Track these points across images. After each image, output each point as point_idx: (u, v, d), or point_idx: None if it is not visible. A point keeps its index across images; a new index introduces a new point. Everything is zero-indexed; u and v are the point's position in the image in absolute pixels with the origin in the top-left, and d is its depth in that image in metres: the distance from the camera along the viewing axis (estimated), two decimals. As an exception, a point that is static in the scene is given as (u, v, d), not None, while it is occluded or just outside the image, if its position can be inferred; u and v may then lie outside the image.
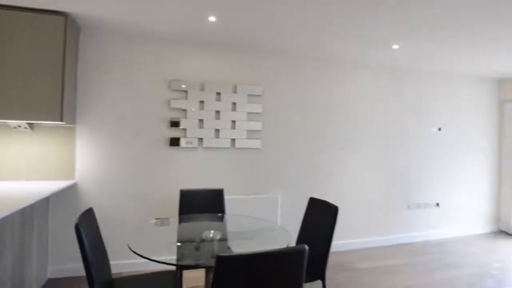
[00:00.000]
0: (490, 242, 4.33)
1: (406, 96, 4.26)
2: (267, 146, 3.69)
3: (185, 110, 3.37)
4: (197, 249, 1.93)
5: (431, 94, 4.39)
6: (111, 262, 2.12)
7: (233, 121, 3.53)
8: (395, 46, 3.36)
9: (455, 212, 4.56)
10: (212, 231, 2.18)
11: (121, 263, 3.09)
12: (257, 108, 3.62)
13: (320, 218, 2.21)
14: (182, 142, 3.35)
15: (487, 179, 4.78)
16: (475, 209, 4.69)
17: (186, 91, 3.36)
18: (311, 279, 2.08)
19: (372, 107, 4.10)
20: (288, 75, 3.76)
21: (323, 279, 2.08)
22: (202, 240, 2.03)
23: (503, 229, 4.79)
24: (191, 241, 2.09)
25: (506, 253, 3.96)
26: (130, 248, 1.74)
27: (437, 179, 4.41)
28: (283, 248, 1.38)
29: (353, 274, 3.29)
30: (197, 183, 3.39)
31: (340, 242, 3.95)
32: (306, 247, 1.29)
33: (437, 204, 4.40)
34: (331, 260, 3.63)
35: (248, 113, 3.58)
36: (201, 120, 3.42)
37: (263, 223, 2.56)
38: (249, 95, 3.59)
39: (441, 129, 4.42)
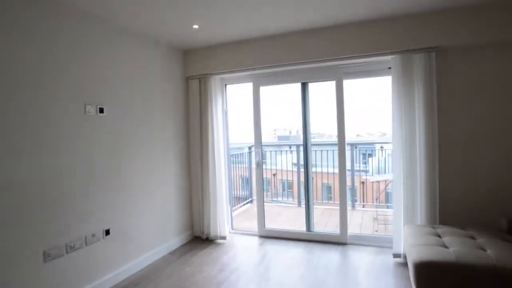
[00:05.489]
0: (184, 257, 3.27)
1: (25, 54, 2.23)
2: None
3: None
4: None
5: (88, 55, 2.63)
6: None
7: None
8: None
9: (137, 234, 3.14)
10: None
11: None
12: None
13: None
14: None
15: (177, 179, 3.75)
16: (165, 222, 3.52)
17: None
18: None
19: None
20: None
21: None
22: None
23: (197, 234, 3.98)
24: None
25: (199, 263, 3.02)
26: None
27: (102, 194, 2.75)
28: None
29: None
30: None
31: None
32: None
33: (107, 232, 2.76)
34: None
35: None
36: None
37: None
38: None
39: (105, 110, 2.78)
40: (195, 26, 3.07)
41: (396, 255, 3.07)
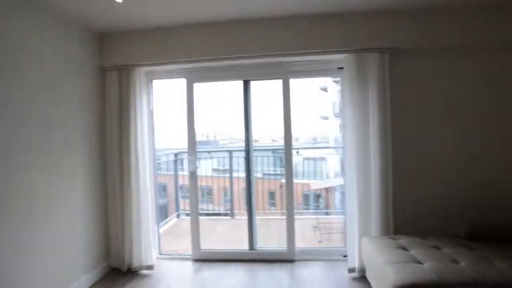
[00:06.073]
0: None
1: None
2: None
3: None
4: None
5: None
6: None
7: None
8: None
9: (25, 282, 2.23)
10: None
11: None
12: None
13: None
14: None
15: (86, 196, 2.89)
16: (70, 256, 2.64)
17: None
18: None
19: None
20: None
21: None
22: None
23: (116, 265, 3.14)
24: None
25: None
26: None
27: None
28: None
29: None
30: None
31: None
32: None
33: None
34: None
35: None
36: None
37: None
38: None
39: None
40: (118, 0, 2.36)
41: (351, 270, 2.84)
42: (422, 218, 2.80)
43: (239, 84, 3.38)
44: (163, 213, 5.22)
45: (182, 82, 3.32)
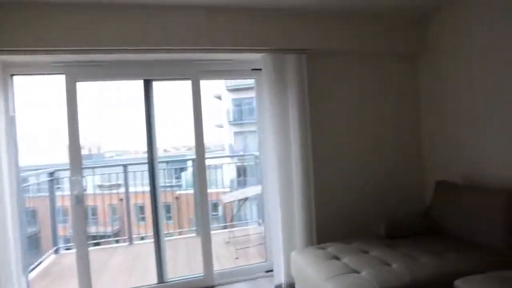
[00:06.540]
0: None
1: None
2: None
3: None
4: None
5: None
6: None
7: None
8: None
9: None
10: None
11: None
12: None
13: None
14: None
15: None
16: None
17: None
18: None
19: None
20: None
21: None
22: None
23: None
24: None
25: None
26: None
27: None
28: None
29: None
30: None
31: None
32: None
33: None
34: None
35: None
36: None
37: None
38: None
39: None
40: None
41: (278, 286, 2.61)
42: (341, 223, 2.79)
43: (138, 84, 2.81)
44: (33, 248, 4.09)
45: (60, 80, 2.54)
